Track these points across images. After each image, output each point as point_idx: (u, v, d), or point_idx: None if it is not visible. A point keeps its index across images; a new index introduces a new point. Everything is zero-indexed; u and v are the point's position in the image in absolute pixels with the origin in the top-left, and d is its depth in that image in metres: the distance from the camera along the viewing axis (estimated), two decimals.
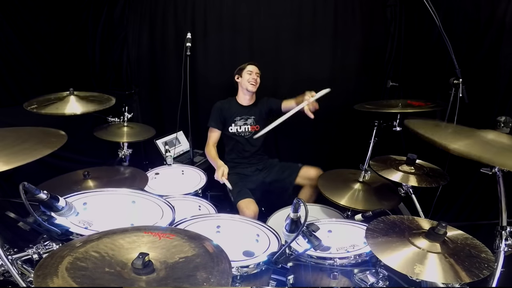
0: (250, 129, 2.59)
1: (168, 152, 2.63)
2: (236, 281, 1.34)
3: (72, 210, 1.27)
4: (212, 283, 0.87)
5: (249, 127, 2.59)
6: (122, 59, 3.17)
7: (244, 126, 2.58)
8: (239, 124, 2.59)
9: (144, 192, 1.63)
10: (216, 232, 1.62)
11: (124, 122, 2.53)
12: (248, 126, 2.58)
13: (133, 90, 3.19)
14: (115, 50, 3.15)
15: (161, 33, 3.05)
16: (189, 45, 2.60)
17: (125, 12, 3.06)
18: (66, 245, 1.01)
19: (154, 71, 3.17)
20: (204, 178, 2.36)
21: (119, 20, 3.08)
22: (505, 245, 1.22)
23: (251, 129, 2.59)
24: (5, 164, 1.07)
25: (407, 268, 1.10)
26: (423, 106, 2.14)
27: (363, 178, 2.11)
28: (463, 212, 2.15)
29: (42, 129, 1.39)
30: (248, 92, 2.58)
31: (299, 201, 1.25)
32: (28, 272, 1.23)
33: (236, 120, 2.59)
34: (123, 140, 2.43)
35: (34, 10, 2.65)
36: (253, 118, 2.60)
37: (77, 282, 0.83)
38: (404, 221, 1.36)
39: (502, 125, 1.19)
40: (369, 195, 2.02)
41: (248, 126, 2.58)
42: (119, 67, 3.19)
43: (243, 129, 2.59)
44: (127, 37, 3.11)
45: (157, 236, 1.06)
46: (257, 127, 2.59)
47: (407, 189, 1.89)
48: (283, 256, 1.35)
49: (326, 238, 1.68)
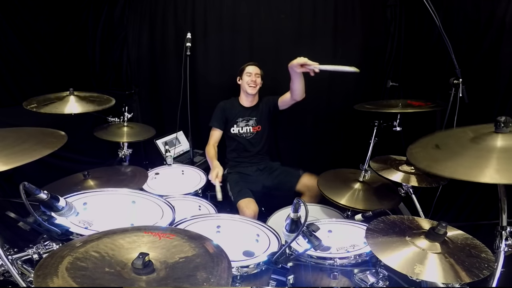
0: (252, 130, 2.59)
1: (168, 152, 2.63)
2: (236, 281, 1.34)
3: (72, 210, 1.27)
4: (212, 283, 0.87)
5: (251, 128, 2.59)
6: (122, 59, 3.17)
7: (246, 127, 2.59)
8: (241, 125, 2.59)
9: (144, 192, 1.63)
10: (216, 232, 1.62)
11: (124, 122, 2.53)
12: (250, 127, 2.59)
13: (133, 90, 3.19)
14: (115, 50, 3.15)
15: (161, 33, 3.05)
16: (189, 45, 2.60)
17: (125, 12, 3.06)
18: (66, 245, 1.01)
19: (154, 71, 3.17)
20: (204, 178, 2.36)
21: (119, 20, 3.08)
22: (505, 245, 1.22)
23: (252, 130, 2.59)
24: (5, 164, 1.07)
25: (407, 268, 1.10)
26: (423, 106, 2.14)
27: (363, 178, 2.11)
28: (463, 212, 2.14)
29: (42, 129, 1.39)
30: (249, 95, 2.59)
31: (299, 201, 1.25)
32: (28, 272, 1.23)
33: (238, 121, 2.59)
34: (123, 140, 2.43)
35: (34, 10, 2.65)
36: (254, 119, 2.61)
37: (77, 282, 0.83)
38: (404, 221, 1.36)
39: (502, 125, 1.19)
40: (369, 195, 2.02)
41: (250, 127, 2.59)
42: (119, 67, 3.20)
43: (245, 130, 2.59)
44: (127, 37, 3.11)
45: (157, 236, 1.06)
46: (259, 128, 2.60)
47: (407, 189, 1.89)
48: (283, 256, 1.35)
49: (326, 238, 1.68)
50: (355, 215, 1.82)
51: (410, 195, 1.88)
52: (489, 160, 1.05)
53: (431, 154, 1.23)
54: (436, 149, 1.23)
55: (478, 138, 1.18)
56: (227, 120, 2.61)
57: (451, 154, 1.18)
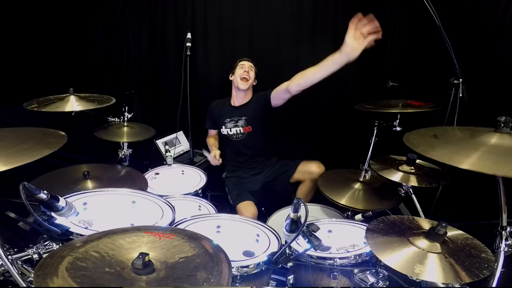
0: (242, 130, 2.47)
1: (168, 152, 2.64)
2: (236, 281, 1.34)
3: (72, 210, 1.27)
4: (212, 283, 0.87)
5: (241, 129, 2.46)
6: (122, 59, 3.17)
7: (235, 128, 2.47)
8: (229, 127, 2.48)
9: (144, 192, 1.63)
10: (216, 232, 1.62)
11: (124, 122, 2.53)
12: (240, 128, 2.46)
13: (133, 90, 3.19)
14: (115, 50, 3.15)
15: (161, 33, 3.05)
16: (189, 45, 2.60)
17: (125, 12, 3.06)
18: (66, 245, 1.01)
19: (154, 71, 3.17)
20: (204, 178, 2.36)
21: (119, 20, 3.08)
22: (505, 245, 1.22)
23: (243, 130, 2.46)
24: (5, 164, 1.07)
25: (407, 268, 1.10)
26: (423, 106, 2.14)
27: (363, 178, 2.11)
28: (463, 212, 2.15)
29: (42, 129, 1.40)
30: (240, 91, 2.46)
31: (299, 201, 1.25)
32: (28, 272, 1.24)
33: (226, 123, 2.50)
34: (123, 140, 2.43)
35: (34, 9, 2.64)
36: (244, 119, 2.46)
37: (77, 282, 0.83)
38: (404, 221, 1.36)
39: (502, 125, 1.19)
40: (369, 195, 2.02)
41: (240, 128, 2.46)
42: (119, 67, 3.19)
43: (234, 131, 2.48)
44: (127, 37, 3.11)
45: (157, 236, 1.06)
46: (249, 128, 2.45)
47: (407, 189, 1.89)
48: (283, 256, 1.35)
49: (326, 238, 1.68)
50: (355, 215, 1.82)
51: (410, 195, 1.88)
52: (475, 152, 1.12)
53: (428, 141, 1.29)
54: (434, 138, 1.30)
55: (476, 134, 1.22)
56: (216, 120, 2.56)
57: (446, 144, 1.25)
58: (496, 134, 1.19)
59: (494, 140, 1.17)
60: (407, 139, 1.32)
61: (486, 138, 1.19)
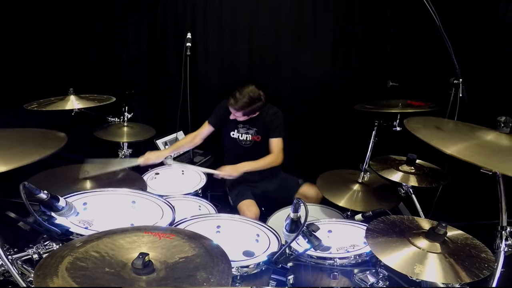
0: (251, 138, 2.45)
1: None
2: (236, 281, 1.34)
3: (72, 210, 1.27)
4: (212, 283, 0.87)
5: (250, 137, 2.45)
6: (122, 59, 3.17)
7: (246, 135, 2.46)
8: (242, 132, 2.47)
9: (144, 192, 1.63)
10: (216, 232, 1.62)
11: (124, 122, 2.53)
12: (249, 136, 2.45)
13: (133, 90, 3.19)
14: (115, 50, 3.15)
15: (161, 33, 3.05)
16: (189, 45, 2.60)
17: (125, 12, 3.06)
18: (66, 245, 1.01)
19: (154, 71, 3.17)
20: (204, 178, 2.36)
21: (119, 20, 3.08)
22: (505, 245, 1.22)
23: (251, 138, 2.45)
24: (4, 165, 1.07)
25: (407, 268, 1.10)
26: (423, 106, 2.14)
27: (362, 179, 2.11)
28: (463, 212, 2.15)
29: (42, 130, 1.39)
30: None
31: (299, 201, 1.25)
32: (28, 272, 1.23)
33: (239, 127, 2.47)
34: (123, 140, 2.43)
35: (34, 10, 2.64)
36: (255, 129, 2.45)
37: (77, 282, 0.83)
38: (404, 221, 1.36)
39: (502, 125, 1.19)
40: (368, 196, 2.01)
41: (249, 136, 2.45)
42: (119, 67, 3.20)
43: (244, 137, 2.47)
44: (127, 37, 3.11)
45: (157, 236, 1.06)
46: (258, 138, 2.45)
47: (407, 189, 1.89)
48: (283, 256, 1.34)
49: (326, 238, 1.68)
50: (355, 215, 1.82)
51: (410, 195, 1.88)
52: (465, 143, 1.13)
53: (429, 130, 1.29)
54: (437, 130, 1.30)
55: (476, 130, 1.23)
56: (227, 122, 2.50)
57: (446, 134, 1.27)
58: (495, 132, 1.19)
59: (490, 137, 1.17)
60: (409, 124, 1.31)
61: (482, 134, 1.19)
